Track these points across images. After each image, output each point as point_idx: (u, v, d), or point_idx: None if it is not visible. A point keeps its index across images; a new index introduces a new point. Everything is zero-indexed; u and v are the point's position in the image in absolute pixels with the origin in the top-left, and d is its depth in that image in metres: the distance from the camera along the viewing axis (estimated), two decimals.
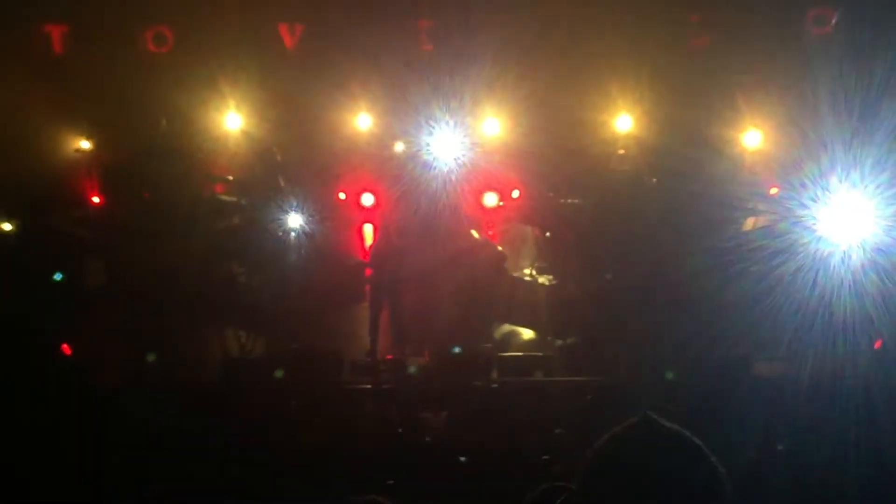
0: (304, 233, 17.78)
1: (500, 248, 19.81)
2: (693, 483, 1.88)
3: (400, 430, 13.15)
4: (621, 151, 19.89)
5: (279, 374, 15.19)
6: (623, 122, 19.56)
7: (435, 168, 18.36)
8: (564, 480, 2.12)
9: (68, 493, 10.60)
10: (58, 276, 14.35)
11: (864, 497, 10.61)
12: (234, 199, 19.19)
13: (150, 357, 15.75)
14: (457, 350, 15.95)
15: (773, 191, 18.62)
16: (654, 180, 19.22)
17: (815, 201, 16.37)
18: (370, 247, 18.23)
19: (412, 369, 15.93)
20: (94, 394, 13.91)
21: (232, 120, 18.79)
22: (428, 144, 18.25)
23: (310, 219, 17.73)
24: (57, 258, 17.62)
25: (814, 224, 16.37)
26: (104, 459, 11.64)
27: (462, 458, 11.97)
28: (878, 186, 16.03)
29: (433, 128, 18.21)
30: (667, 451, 1.91)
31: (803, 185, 16.56)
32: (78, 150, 18.79)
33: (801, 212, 16.54)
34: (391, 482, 10.43)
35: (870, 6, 16.46)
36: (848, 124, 15.96)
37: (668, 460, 1.89)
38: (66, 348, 16.03)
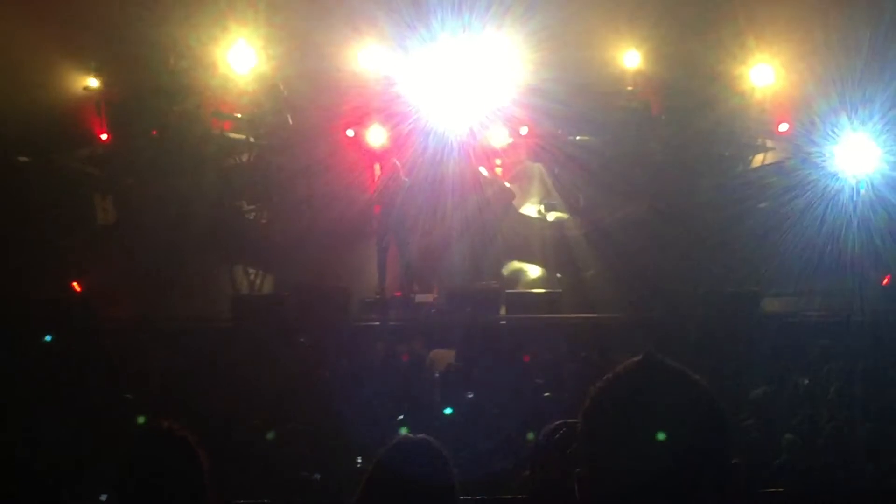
0: (313, 170, 17.76)
1: (508, 185, 19.80)
2: (692, 421, 1.91)
3: (409, 367, 13.22)
4: (630, 88, 19.83)
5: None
6: (632, 57, 19.47)
7: (443, 105, 18.29)
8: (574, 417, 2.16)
9: (79, 423, 10.71)
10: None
11: (873, 430, 10.70)
12: (242, 136, 19.19)
13: (160, 293, 15.80)
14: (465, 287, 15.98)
15: (783, 127, 18.56)
16: (663, 117, 19.18)
17: (824, 138, 16.32)
18: (378, 184, 18.21)
19: (420, 306, 15.98)
20: (105, 330, 14.01)
21: (240, 57, 18.68)
22: (436, 81, 18.16)
23: (318, 156, 17.71)
24: (66, 196, 17.64)
25: (823, 161, 16.33)
26: (114, 395, 11.74)
27: (469, 395, 12.04)
28: (887, 122, 15.98)
29: (441, 64, 18.12)
30: (667, 390, 1.94)
31: (812, 122, 16.51)
32: (86, 88, 18.74)
33: (810, 149, 16.50)
34: (401, 417, 10.50)
35: None
36: (858, 59, 15.87)
37: (668, 399, 1.93)
38: (76, 285, 16.09)
